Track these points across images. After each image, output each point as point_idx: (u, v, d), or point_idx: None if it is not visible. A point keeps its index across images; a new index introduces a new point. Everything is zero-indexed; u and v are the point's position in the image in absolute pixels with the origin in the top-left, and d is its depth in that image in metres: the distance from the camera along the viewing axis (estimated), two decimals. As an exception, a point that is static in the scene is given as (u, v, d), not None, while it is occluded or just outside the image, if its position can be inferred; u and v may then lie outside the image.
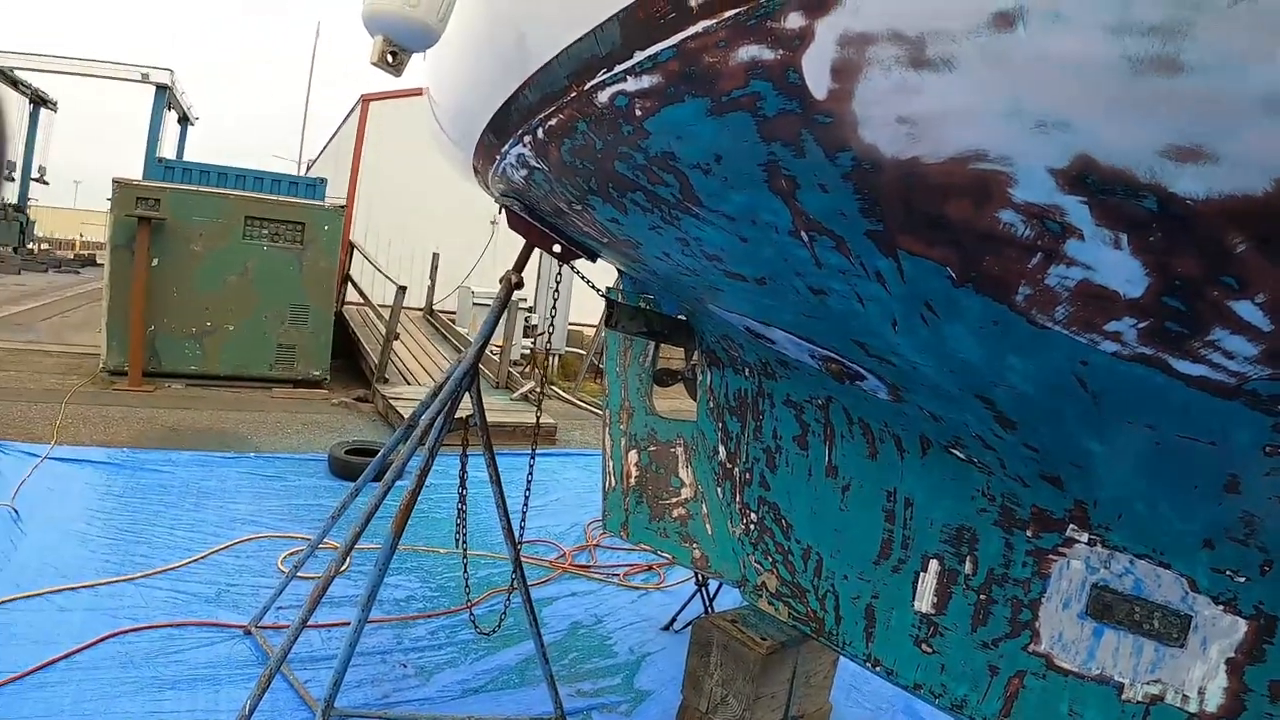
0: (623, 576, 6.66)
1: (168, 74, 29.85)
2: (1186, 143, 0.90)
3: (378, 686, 4.59)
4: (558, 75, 1.95)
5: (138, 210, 11.54)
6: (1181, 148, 0.90)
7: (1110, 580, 2.09)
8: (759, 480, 3.35)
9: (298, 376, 13.07)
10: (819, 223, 1.55)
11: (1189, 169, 0.92)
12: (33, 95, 34.34)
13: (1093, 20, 0.86)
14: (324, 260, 13.04)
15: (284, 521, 6.98)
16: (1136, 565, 2.03)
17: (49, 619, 4.85)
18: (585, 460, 10.11)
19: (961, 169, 1.16)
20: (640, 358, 4.30)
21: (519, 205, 3.50)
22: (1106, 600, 2.10)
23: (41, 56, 30.42)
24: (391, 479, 3.89)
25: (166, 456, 8.38)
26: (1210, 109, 0.87)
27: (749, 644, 3.69)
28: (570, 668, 5.08)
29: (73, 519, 6.43)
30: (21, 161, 35.34)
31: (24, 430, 8.70)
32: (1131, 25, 0.84)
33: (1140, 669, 2.06)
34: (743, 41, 1.28)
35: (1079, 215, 1.08)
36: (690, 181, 1.75)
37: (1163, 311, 1.14)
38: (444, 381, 3.98)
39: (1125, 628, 2.08)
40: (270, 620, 5.08)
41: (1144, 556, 2.01)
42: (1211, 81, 0.84)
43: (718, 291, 2.55)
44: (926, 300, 1.54)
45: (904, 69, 1.08)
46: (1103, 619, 2.12)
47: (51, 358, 13.50)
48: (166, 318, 12.03)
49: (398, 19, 2.43)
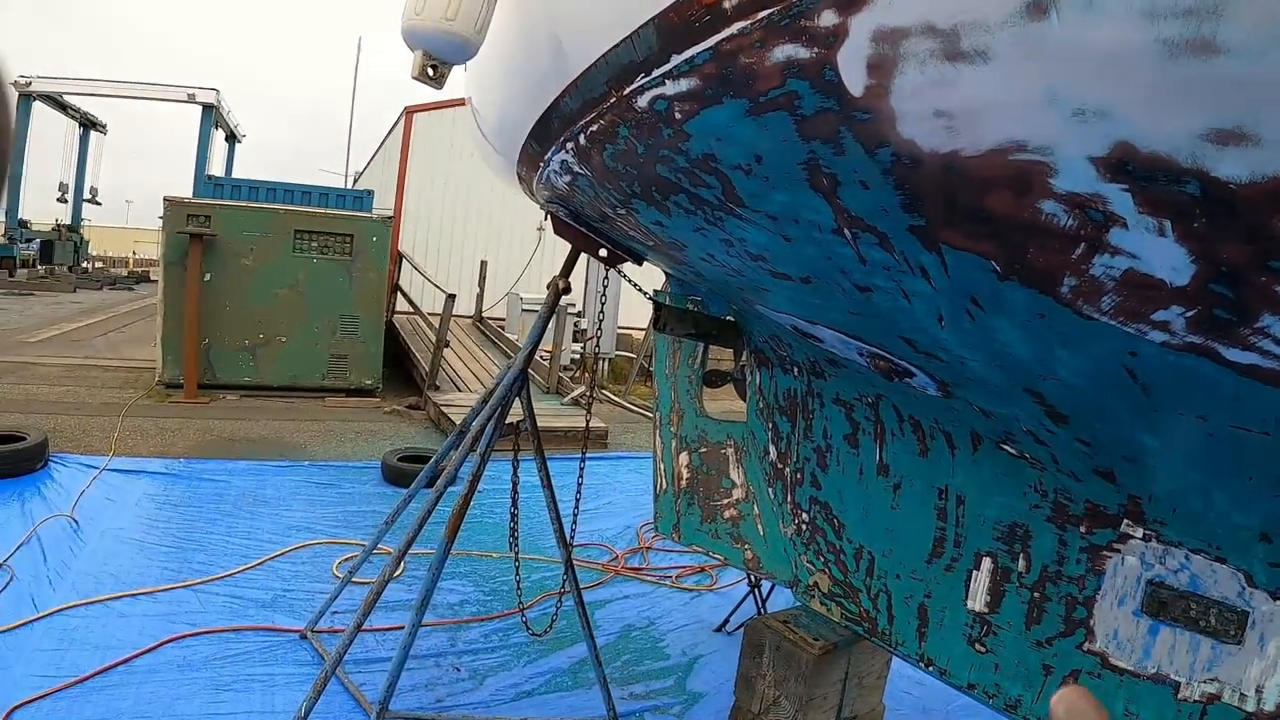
0: (675, 578, 6.66)
1: (214, 93, 30.43)
2: (1226, 125, 0.89)
3: (431, 690, 4.63)
4: (597, 81, 1.96)
5: (189, 227, 11.79)
6: (1222, 131, 0.89)
7: (1165, 576, 2.05)
8: (810, 480, 3.34)
9: (350, 386, 13.23)
10: (861, 220, 1.54)
11: (1230, 152, 0.90)
12: (82, 119, 35.16)
13: (1126, 5, 0.86)
14: (373, 271, 13.18)
15: (338, 528, 7.08)
16: (1192, 560, 1.99)
17: (109, 624, 4.97)
18: (636, 463, 10.12)
19: (1001, 161, 1.15)
20: (689, 359, 4.31)
21: (564, 211, 3.52)
22: (1162, 597, 2.06)
23: (89, 81, 31.06)
24: (444, 485, 3.93)
25: (222, 466, 8.54)
26: (1248, 90, 0.86)
27: (801, 645, 3.67)
28: (622, 670, 5.09)
29: (131, 528, 6.58)
30: (74, 183, 36.26)
31: (82, 443, 8.90)
32: (1165, 8, 0.83)
33: (1197, 667, 2.02)
34: (778, 41, 1.29)
35: (1121, 203, 1.07)
36: (732, 182, 1.76)
37: (1210, 299, 1.12)
38: (494, 388, 4.02)
39: (1181, 625, 2.04)
40: (325, 625, 5.15)
41: (1199, 551, 1.97)
42: (1248, 62, 0.83)
43: (764, 291, 2.55)
44: (971, 294, 1.54)
45: (939, 62, 1.08)
46: (1158, 616, 2.08)
47: (108, 372, 13.78)
48: (220, 331, 12.26)
49: (436, 34, 2.46)
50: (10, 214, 31.03)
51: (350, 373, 13.21)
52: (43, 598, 5.19)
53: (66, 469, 7.76)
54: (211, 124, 30.62)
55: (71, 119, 34.67)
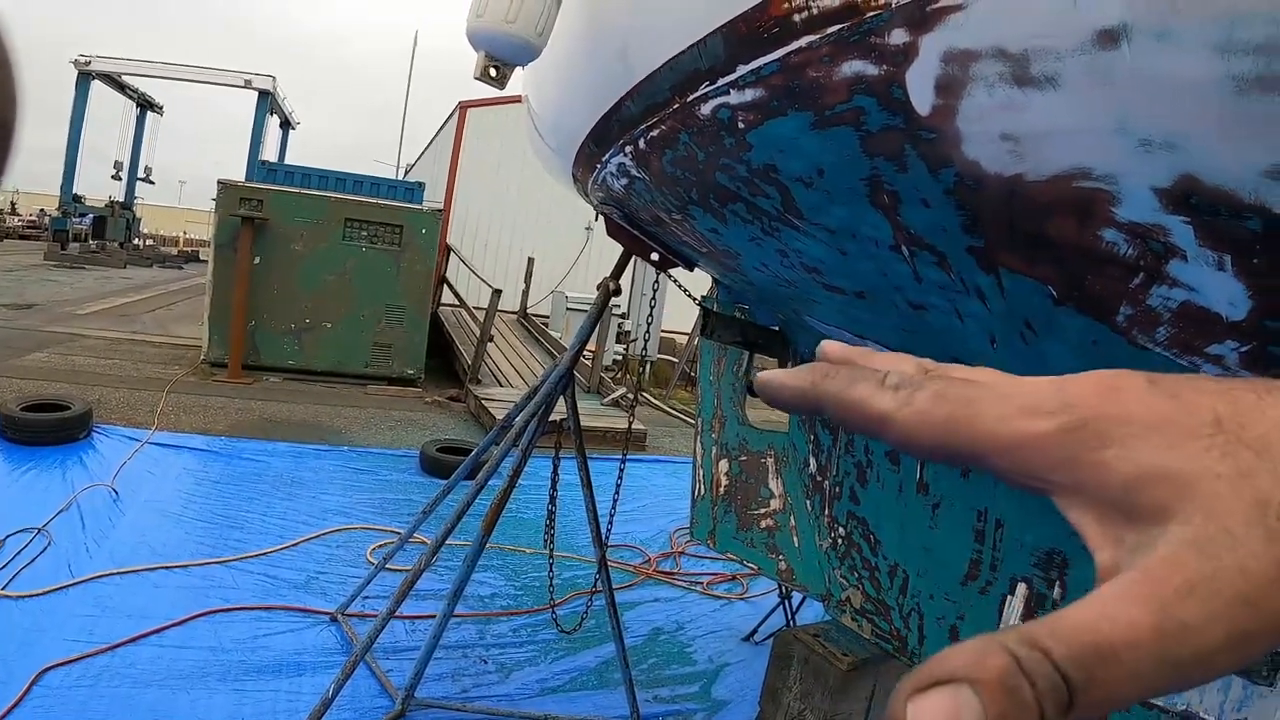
0: (706, 585, 6.68)
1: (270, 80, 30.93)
2: (1292, 163, 0.89)
3: (458, 680, 4.68)
4: (661, 87, 1.98)
5: (241, 210, 12.02)
6: (1286, 169, 0.90)
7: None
8: (849, 494, 3.34)
9: (392, 374, 13.37)
10: (920, 238, 1.55)
11: (1294, 189, 0.91)
12: (140, 99, 35.88)
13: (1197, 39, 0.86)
14: (421, 262, 13.33)
15: (374, 514, 7.17)
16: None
17: (143, 594, 5.08)
18: (674, 467, 10.14)
19: (1065, 187, 1.15)
20: (734, 367, 4.31)
21: (618, 213, 3.54)
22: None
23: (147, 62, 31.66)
24: (485, 477, 3.97)
25: (262, 446, 8.68)
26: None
27: (830, 659, 3.67)
28: (649, 673, 5.11)
29: (170, 501, 6.71)
30: (129, 161, 36.99)
31: (126, 416, 9.09)
32: (1235, 44, 0.84)
33: (1227, 707, 2.00)
34: (846, 57, 1.30)
35: (1182, 235, 1.07)
36: (792, 194, 1.77)
37: (1265, 334, 1.13)
38: (540, 384, 4.05)
39: (1214, 663, 2.02)
40: (356, 609, 5.21)
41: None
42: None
43: (814, 303, 2.56)
44: (1026, 318, 1.54)
45: (1008, 86, 1.09)
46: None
47: (155, 348, 14.05)
48: (267, 314, 12.45)
49: (498, 35, 2.50)
50: (65, 188, 31.72)
51: (393, 361, 13.35)
52: (79, 564, 5.31)
53: (109, 440, 7.93)
54: (267, 110, 31.13)
55: (130, 99, 35.37)
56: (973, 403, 0.40)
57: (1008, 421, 0.39)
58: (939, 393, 0.41)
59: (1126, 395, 0.38)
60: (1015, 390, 0.41)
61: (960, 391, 0.41)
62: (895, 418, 0.42)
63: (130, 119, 36.73)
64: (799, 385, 0.47)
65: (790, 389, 0.48)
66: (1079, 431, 0.38)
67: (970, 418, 0.40)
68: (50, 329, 14.39)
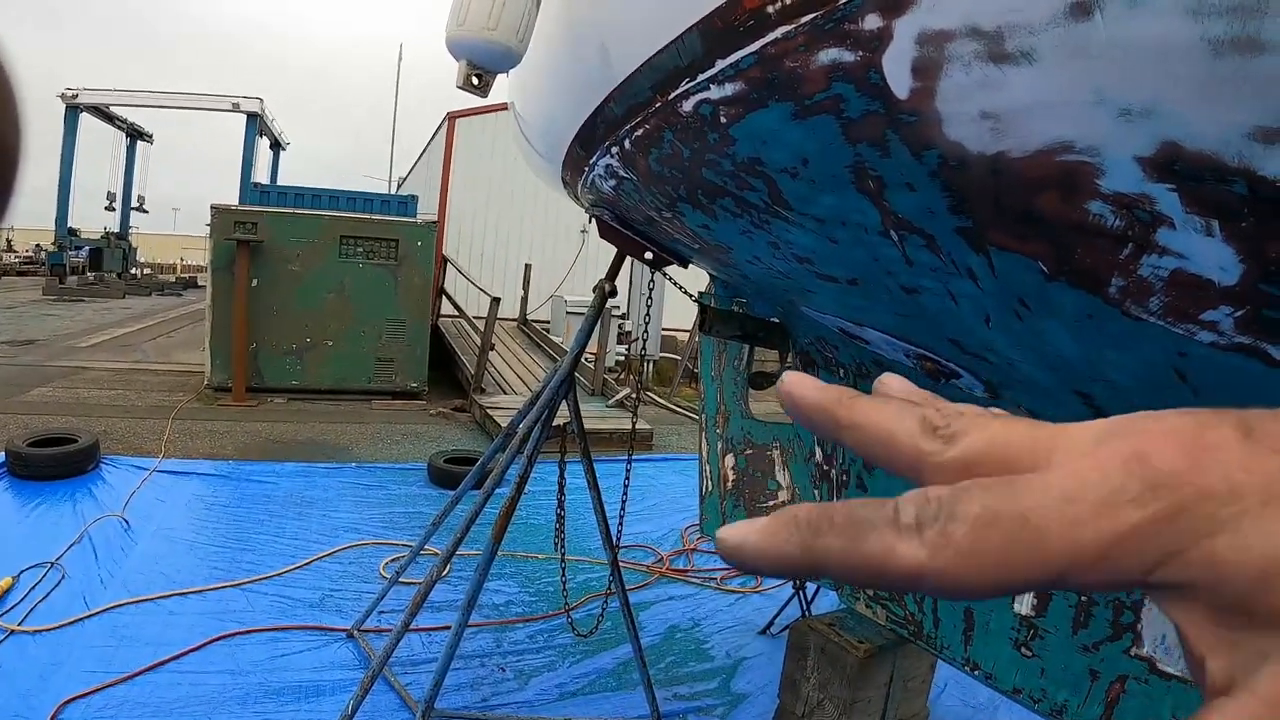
0: (720, 580, 6.67)
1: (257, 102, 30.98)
2: (1273, 123, 0.88)
3: (477, 690, 4.68)
4: (642, 87, 1.97)
5: (236, 234, 12.04)
6: (1268, 129, 0.89)
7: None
8: (856, 482, 3.33)
9: (396, 388, 13.39)
10: (908, 221, 1.55)
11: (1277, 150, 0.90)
12: (129, 129, 35.95)
13: (1169, 4, 0.86)
14: (418, 275, 13.35)
15: (385, 529, 7.17)
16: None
17: (159, 622, 5.08)
18: (681, 465, 10.13)
19: (1048, 161, 1.15)
20: (735, 361, 4.31)
21: (609, 215, 3.54)
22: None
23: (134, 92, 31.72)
24: (491, 486, 3.97)
25: (270, 468, 8.69)
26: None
27: (846, 647, 3.67)
28: (667, 671, 5.11)
29: (181, 528, 6.72)
30: (121, 191, 37.18)
31: (133, 445, 9.11)
32: (1209, 6, 0.83)
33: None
34: (822, 45, 1.29)
35: (1169, 203, 1.07)
36: (778, 185, 1.77)
37: (1259, 298, 1.12)
38: (541, 390, 4.05)
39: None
40: (372, 624, 5.22)
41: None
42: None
43: (810, 294, 2.55)
44: (1019, 295, 1.53)
45: (984, 64, 1.09)
46: (1208, 620, 2.05)
47: (158, 376, 14.08)
48: (267, 335, 12.48)
49: (479, 43, 2.50)
50: (60, 222, 31.85)
51: (396, 375, 13.38)
52: (94, 596, 5.32)
53: (117, 470, 7.94)
54: (256, 132, 31.16)
55: (119, 130, 35.44)
56: (1029, 516, 0.32)
57: (1083, 527, 0.31)
58: (982, 518, 0.32)
59: (1223, 457, 0.31)
60: (1078, 478, 0.32)
61: (1007, 505, 0.32)
62: (932, 568, 0.33)
63: (121, 149, 36.87)
64: (816, 414, 0.44)
65: (806, 413, 0.44)
66: (1177, 520, 0.30)
67: (1034, 539, 0.32)
68: (53, 363, 14.42)
